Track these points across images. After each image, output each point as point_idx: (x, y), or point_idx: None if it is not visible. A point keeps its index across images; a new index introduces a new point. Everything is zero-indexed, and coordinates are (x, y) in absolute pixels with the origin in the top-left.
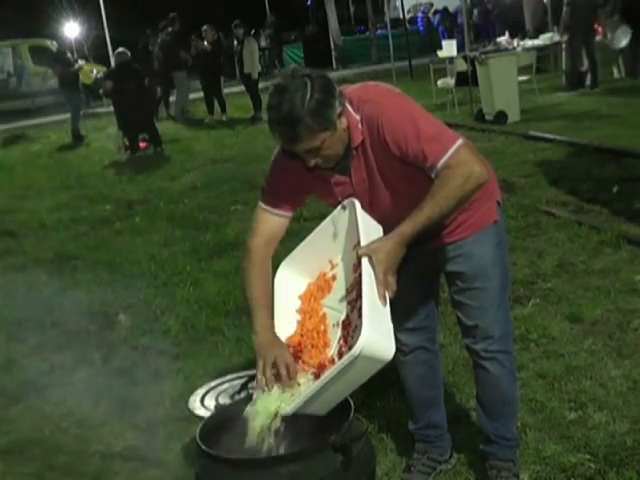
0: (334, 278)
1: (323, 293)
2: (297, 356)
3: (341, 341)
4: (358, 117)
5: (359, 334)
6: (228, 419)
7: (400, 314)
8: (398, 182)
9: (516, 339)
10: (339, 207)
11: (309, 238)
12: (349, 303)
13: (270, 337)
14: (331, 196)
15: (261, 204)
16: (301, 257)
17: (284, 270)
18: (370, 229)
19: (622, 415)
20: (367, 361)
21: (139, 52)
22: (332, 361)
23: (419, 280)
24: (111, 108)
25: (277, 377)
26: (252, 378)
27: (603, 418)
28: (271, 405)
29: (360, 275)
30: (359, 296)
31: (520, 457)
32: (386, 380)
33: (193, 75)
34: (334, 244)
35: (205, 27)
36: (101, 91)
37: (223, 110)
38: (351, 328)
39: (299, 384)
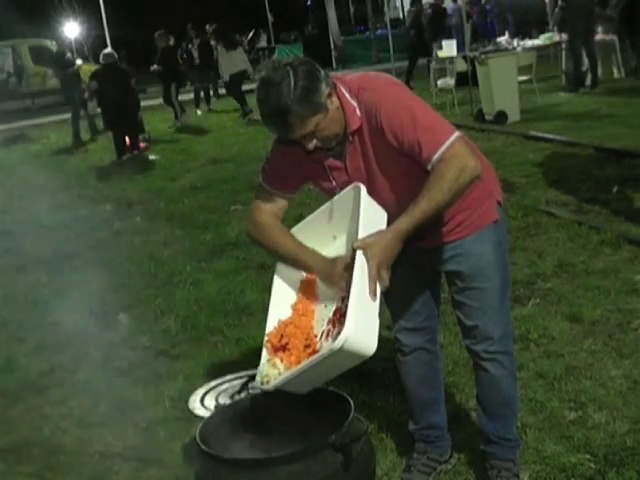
0: None
1: None
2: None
3: (330, 325)
4: (355, 103)
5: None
6: (228, 419)
7: (400, 315)
8: (395, 173)
9: (516, 339)
10: (348, 188)
11: (311, 217)
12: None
13: (329, 261)
14: (327, 181)
15: (262, 183)
16: (303, 235)
17: None
18: (372, 217)
19: (622, 415)
20: (348, 354)
21: (184, 50)
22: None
23: (419, 280)
24: None
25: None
26: (252, 378)
27: (603, 418)
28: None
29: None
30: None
31: (520, 457)
32: (386, 380)
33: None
34: (337, 226)
35: (156, 34)
36: (86, 95)
37: (176, 117)
38: (341, 314)
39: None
